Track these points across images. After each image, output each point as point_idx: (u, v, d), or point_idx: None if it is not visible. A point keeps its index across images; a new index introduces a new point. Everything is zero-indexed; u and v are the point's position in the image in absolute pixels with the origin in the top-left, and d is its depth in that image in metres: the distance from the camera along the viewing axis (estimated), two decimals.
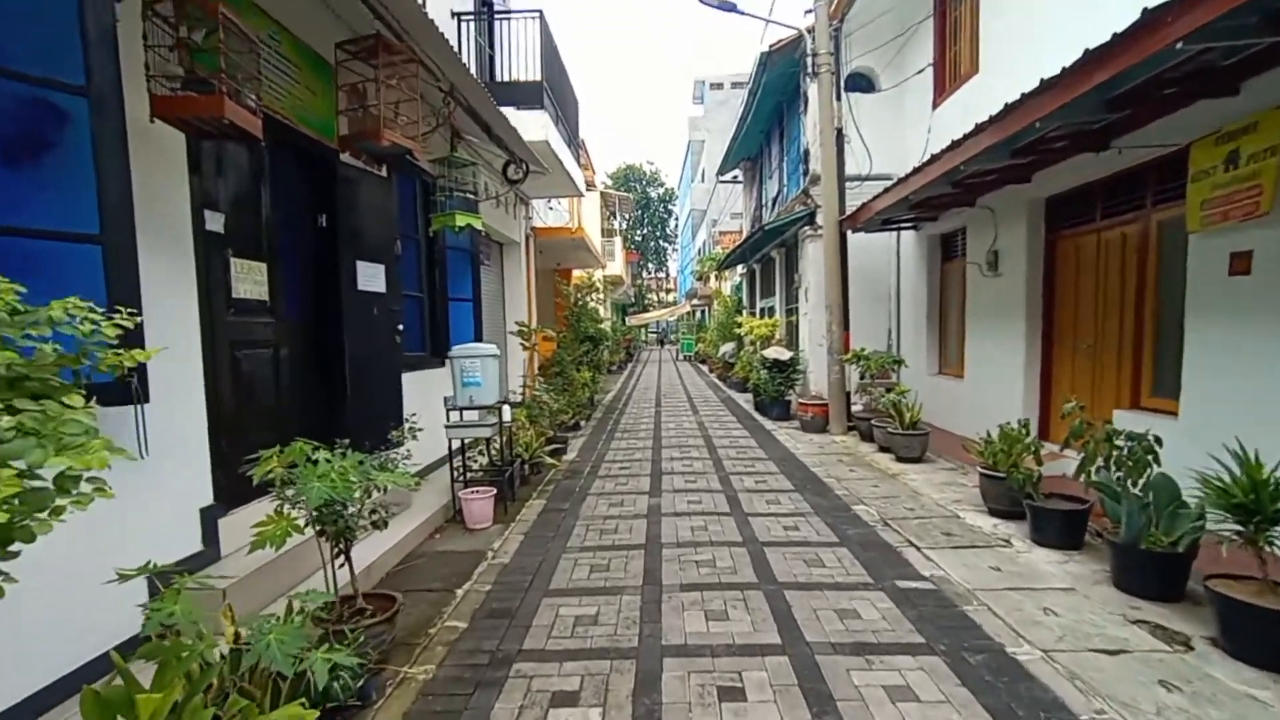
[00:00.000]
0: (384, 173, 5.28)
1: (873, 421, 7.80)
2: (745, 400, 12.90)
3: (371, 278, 4.98)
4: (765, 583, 3.70)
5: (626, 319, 34.59)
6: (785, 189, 12.81)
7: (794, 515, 5.05)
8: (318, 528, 2.78)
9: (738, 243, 14.39)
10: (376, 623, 2.84)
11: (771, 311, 13.35)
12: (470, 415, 5.42)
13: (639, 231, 54.06)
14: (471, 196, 5.48)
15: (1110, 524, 3.69)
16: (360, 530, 2.99)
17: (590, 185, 23.87)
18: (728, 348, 16.92)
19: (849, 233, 9.05)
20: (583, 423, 10.15)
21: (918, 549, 4.24)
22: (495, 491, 5.10)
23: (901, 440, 6.94)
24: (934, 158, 5.58)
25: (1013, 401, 6.29)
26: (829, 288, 8.86)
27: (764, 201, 15.07)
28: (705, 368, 23.13)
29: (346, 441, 3.08)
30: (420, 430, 3.96)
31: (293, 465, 2.73)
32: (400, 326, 5.34)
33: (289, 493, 2.52)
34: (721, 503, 5.44)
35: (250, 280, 3.71)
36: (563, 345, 10.70)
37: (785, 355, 10.25)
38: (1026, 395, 6.24)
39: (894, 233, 9.97)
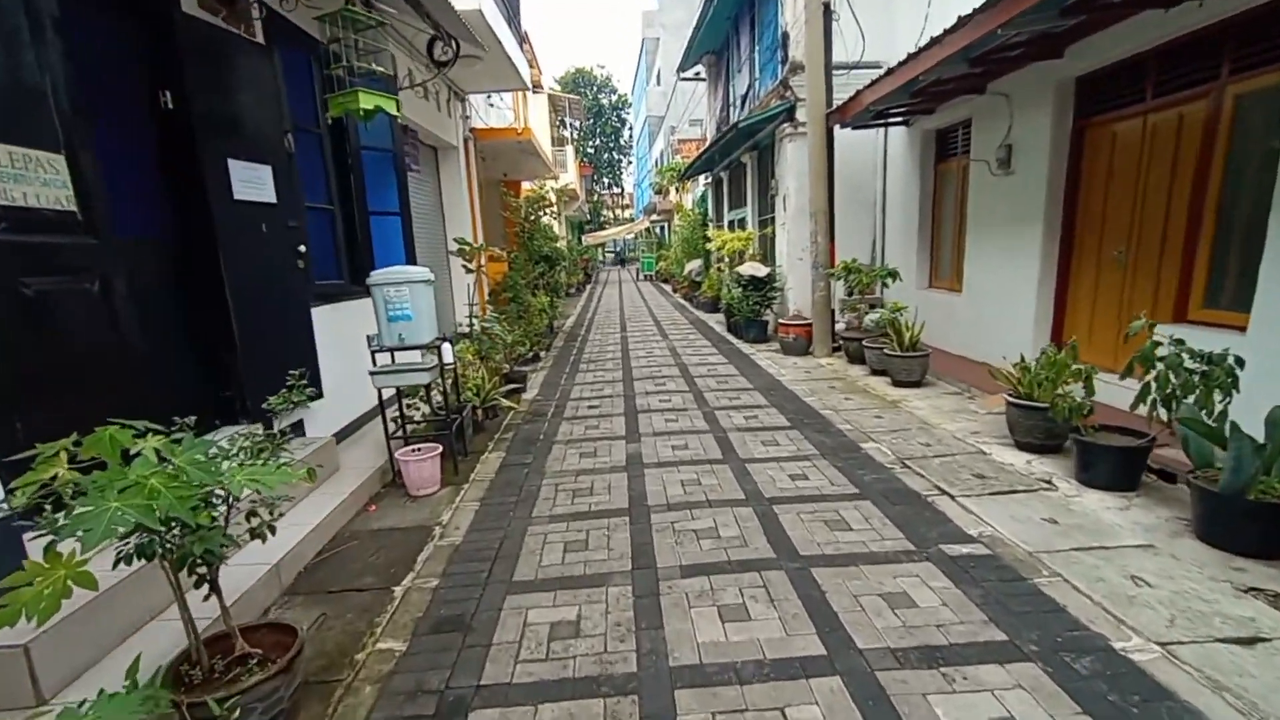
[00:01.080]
0: (259, 38, 3.92)
1: (864, 342, 7.10)
2: (717, 322, 12.10)
3: (253, 183, 3.75)
4: (785, 558, 2.97)
5: (583, 238, 32.88)
6: (757, 84, 11.46)
7: (798, 459, 4.33)
8: (146, 558, 1.83)
9: (703, 148, 13.08)
10: (266, 679, 1.96)
11: (743, 224, 12.33)
12: (405, 357, 4.40)
13: (590, 143, 50.93)
14: (380, 71, 4.18)
15: (1193, 465, 3.07)
16: (230, 549, 2.05)
17: (537, 87, 21.63)
18: (694, 265, 15.93)
19: (835, 129, 7.99)
20: (542, 354, 9.19)
21: (951, 498, 3.59)
22: (441, 448, 4.19)
23: (900, 363, 6.27)
24: (961, 20, 4.53)
25: (1021, 318, 5.63)
26: (813, 193, 7.88)
27: (731, 100, 13.64)
28: (668, 287, 22.16)
29: (190, 420, 2.07)
30: (308, 391, 2.96)
31: (95, 466, 1.73)
32: (302, 248, 4.17)
33: (62, 524, 1.53)
34: (712, 447, 4.68)
35: (33, 180, 2.49)
36: (515, 267, 9.52)
37: (762, 271, 9.37)
38: (1039, 311, 5.56)
39: (879, 131, 8.97)
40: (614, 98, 52.36)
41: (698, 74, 16.16)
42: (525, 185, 14.20)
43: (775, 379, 6.93)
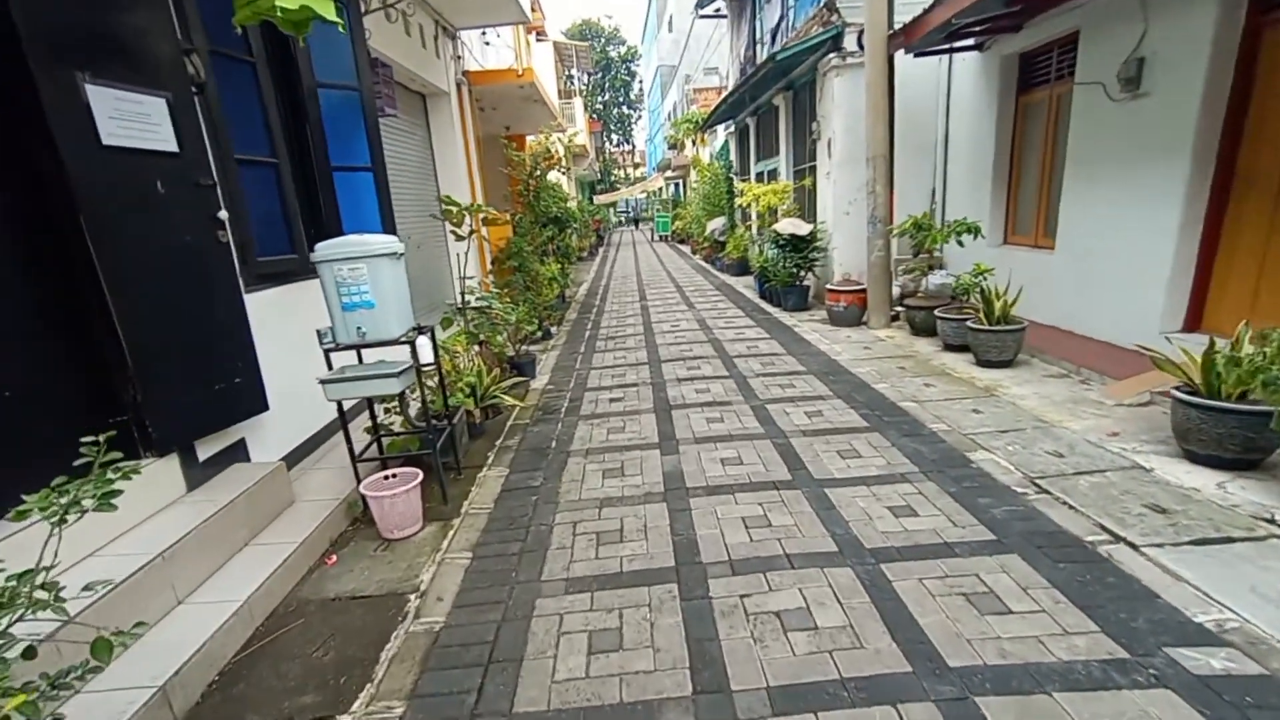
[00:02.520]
0: None
1: (937, 312, 5.93)
2: (745, 286, 10.91)
3: (134, 122, 2.66)
4: (927, 673, 1.94)
5: (594, 198, 31.37)
6: (792, 12, 9.97)
7: (893, 480, 3.27)
8: None
9: (725, 93, 11.65)
10: None
11: (774, 176, 11.01)
12: (373, 355, 3.38)
13: (599, 98, 48.67)
14: None
15: None
16: None
17: (541, 34, 20.03)
18: (716, 224, 14.63)
19: (896, 59, 6.65)
20: (554, 329, 8.13)
21: (1134, 548, 2.51)
22: (420, 476, 3.18)
23: (988, 339, 5.12)
24: None
25: (1148, 281, 4.47)
26: (870, 134, 6.60)
27: (759, 37, 12.12)
28: (686, 248, 20.83)
29: None
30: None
31: None
32: (222, 214, 3.09)
33: None
34: (773, 460, 3.62)
35: None
36: (520, 231, 8.39)
37: (803, 229, 8.14)
38: (1175, 271, 4.37)
39: (941, 62, 7.58)
40: (623, 49, 49.80)
41: (718, 10, 14.53)
42: (530, 140, 12.89)
43: (831, 358, 5.82)
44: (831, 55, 7.65)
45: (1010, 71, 6.40)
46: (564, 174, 11.24)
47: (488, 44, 8.61)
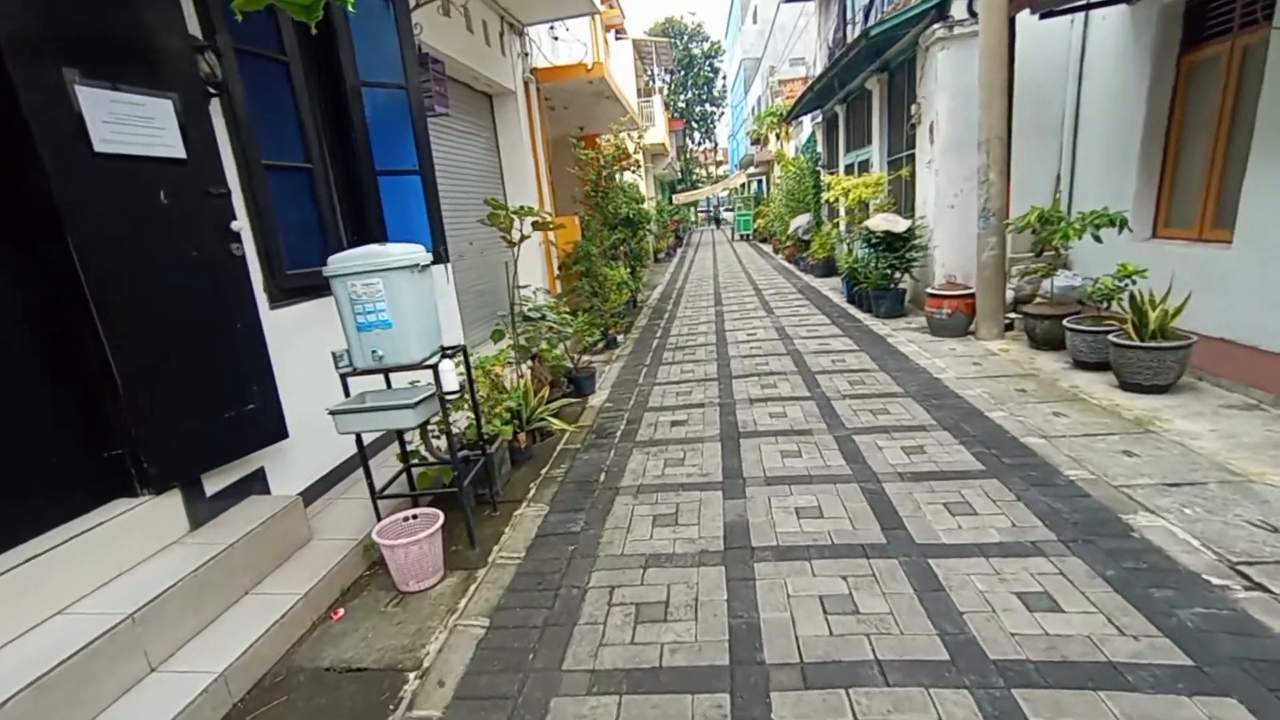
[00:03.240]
0: None
1: (1065, 321, 4.94)
2: (832, 289, 10.01)
3: (135, 126, 2.42)
4: None
5: (673, 198, 30.86)
6: None
7: (1019, 550, 2.52)
8: None
9: (812, 80, 10.76)
10: None
11: (866, 168, 10.04)
12: (400, 380, 3.03)
13: (682, 96, 48.07)
14: None
15: None
16: None
17: (621, 33, 19.77)
18: (800, 221, 13.70)
19: (1018, 22, 5.67)
20: (620, 337, 7.68)
21: None
22: (442, 519, 2.78)
23: (1140, 358, 4.12)
24: None
25: None
26: (986, 114, 5.64)
27: (849, 17, 11.14)
28: (768, 248, 19.89)
29: None
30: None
31: None
32: (235, 224, 2.83)
33: None
34: (862, 513, 2.95)
35: None
36: (588, 234, 8.01)
37: (900, 225, 7.22)
38: None
39: (1073, 23, 6.46)
40: (706, 46, 48.91)
41: None
42: (603, 140, 12.54)
43: (933, 377, 4.97)
44: (936, 26, 6.70)
45: (1173, 23, 5.27)
46: (637, 173, 10.80)
47: (556, 39, 8.31)
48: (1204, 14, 5.04)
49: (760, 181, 32.26)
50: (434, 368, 2.77)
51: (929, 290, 6.42)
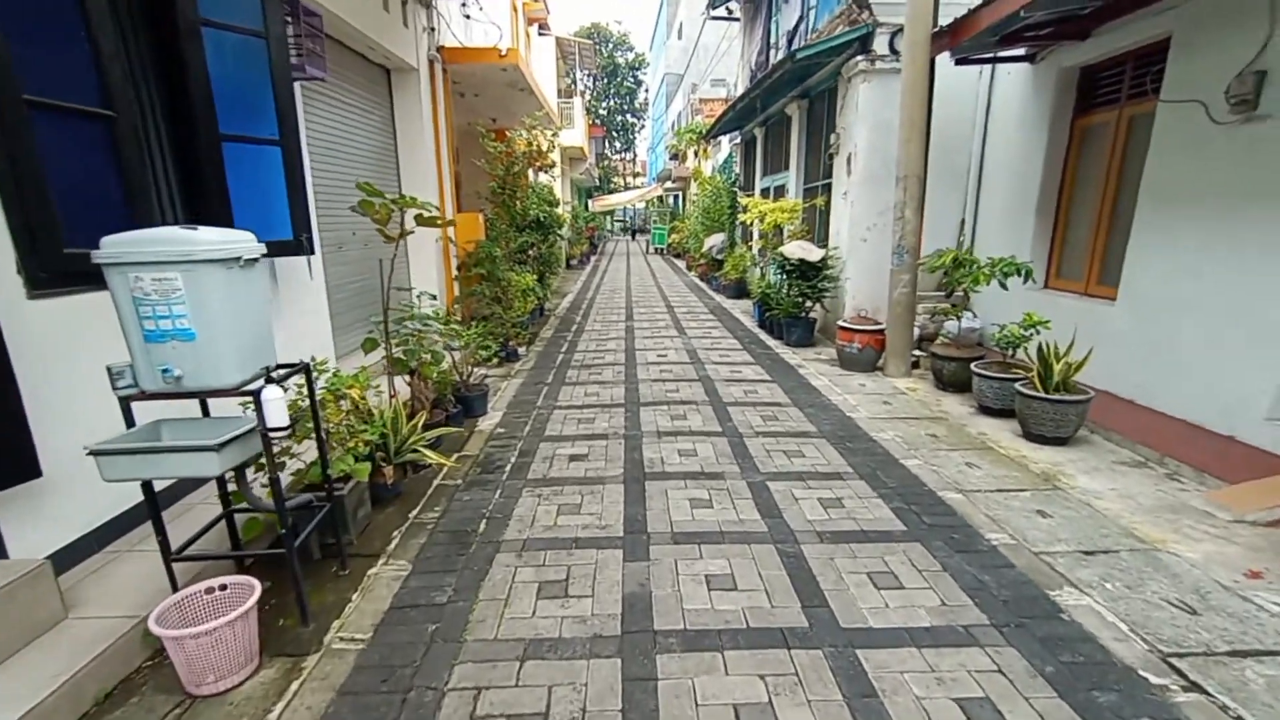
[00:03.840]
0: None
1: (974, 366, 4.94)
2: (743, 312, 9.91)
3: None
4: None
5: (589, 204, 30.40)
6: (814, 12, 9.05)
7: (953, 637, 2.23)
8: None
9: (734, 100, 10.70)
10: None
11: (781, 193, 10.06)
12: (231, 406, 2.32)
13: (604, 104, 47.88)
14: None
15: None
16: None
17: (545, 29, 19.08)
18: (715, 241, 13.66)
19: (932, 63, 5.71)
20: (522, 349, 7.06)
21: None
22: (257, 593, 2.10)
23: (1044, 410, 4.11)
24: None
25: (1264, 349, 3.48)
26: (904, 150, 5.63)
27: (773, 41, 11.21)
28: (681, 263, 19.87)
29: None
30: None
31: None
32: None
33: None
34: (780, 583, 2.56)
35: None
36: (493, 234, 7.33)
37: (814, 254, 7.15)
38: None
39: (980, 74, 6.70)
40: (630, 56, 49.07)
41: (730, 12, 13.64)
42: (519, 135, 11.83)
43: (845, 415, 4.79)
44: (859, 58, 6.70)
45: (1068, 88, 5.48)
46: (552, 174, 10.22)
47: (468, 17, 7.60)
48: (1095, 82, 5.28)
49: (676, 197, 32.55)
50: (255, 395, 2.09)
51: (840, 323, 6.34)
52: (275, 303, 3.92)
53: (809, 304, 7.48)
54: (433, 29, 6.83)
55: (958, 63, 5.98)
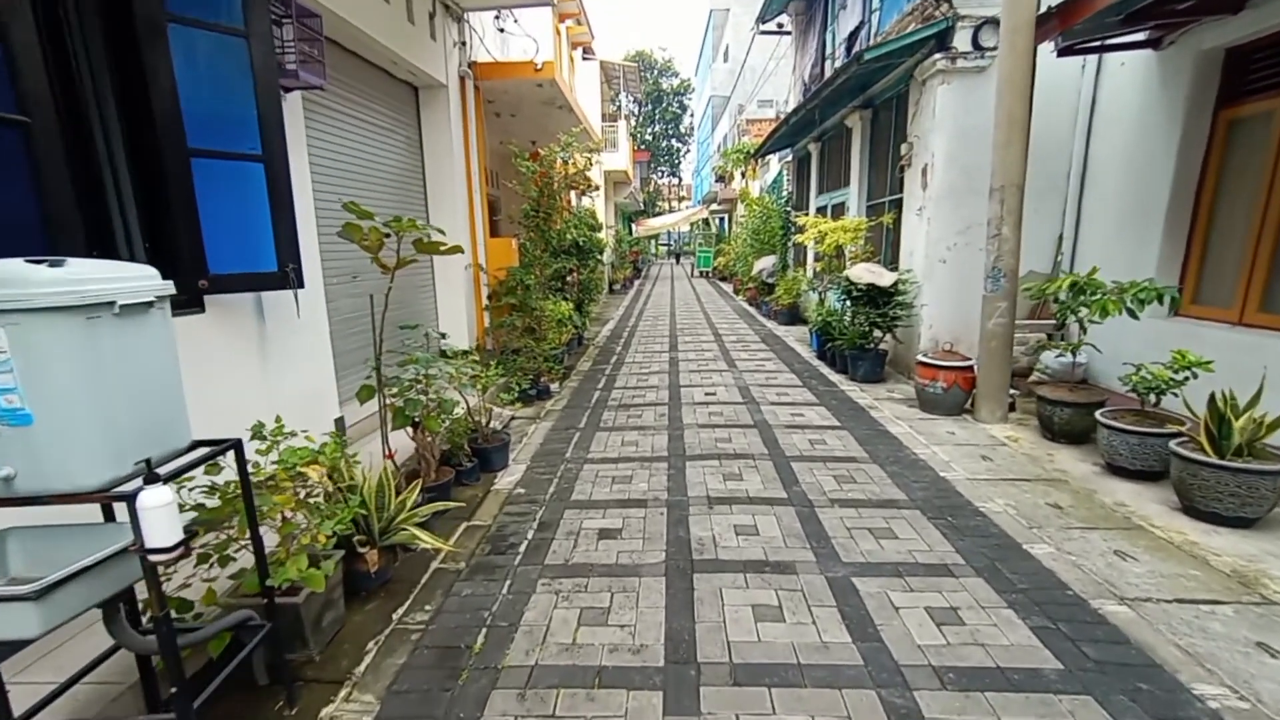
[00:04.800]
0: None
1: (1103, 416, 3.95)
2: (798, 340, 9.03)
3: None
4: None
5: (633, 227, 30.05)
6: (876, 15, 8.28)
7: None
8: None
9: (789, 112, 9.96)
10: None
11: (840, 211, 9.21)
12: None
13: (649, 129, 47.97)
14: None
15: None
16: None
17: (589, 53, 18.93)
18: (765, 263, 12.85)
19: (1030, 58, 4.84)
20: (555, 385, 6.40)
21: None
22: None
23: (1225, 483, 3.11)
24: None
25: None
26: (1006, 154, 4.74)
27: (829, 52, 10.48)
28: (728, 287, 19.08)
29: None
30: None
31: None
32: None
33: None
34: None
35: None
36: (525, 260, 6.76)
37: (885, 278, 6.27)
38: None
39: (1085, 66, 5.81)
40: (675, 82, 49.15)
41: (780, 26, 13.00)
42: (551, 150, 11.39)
43: (938, 475, 3.89)
44: (936, 57, 5.87)
45: (1208, 74, 4.54)
46: (595, 197, 9.70)
47: (502, 30, 7.17)
48: (1248, 65, 4.32)
49: (723, 219, 31.89)
50: (128, 501, 1.43)
51: (920, 358, 5.42)
52: (259, 349, 3.38)
53: (878, 334, 6.58)
54: (464, 43, 6.39)
55: (1060, 53, 5.10)
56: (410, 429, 3.46)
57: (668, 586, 2.69)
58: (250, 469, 2.03)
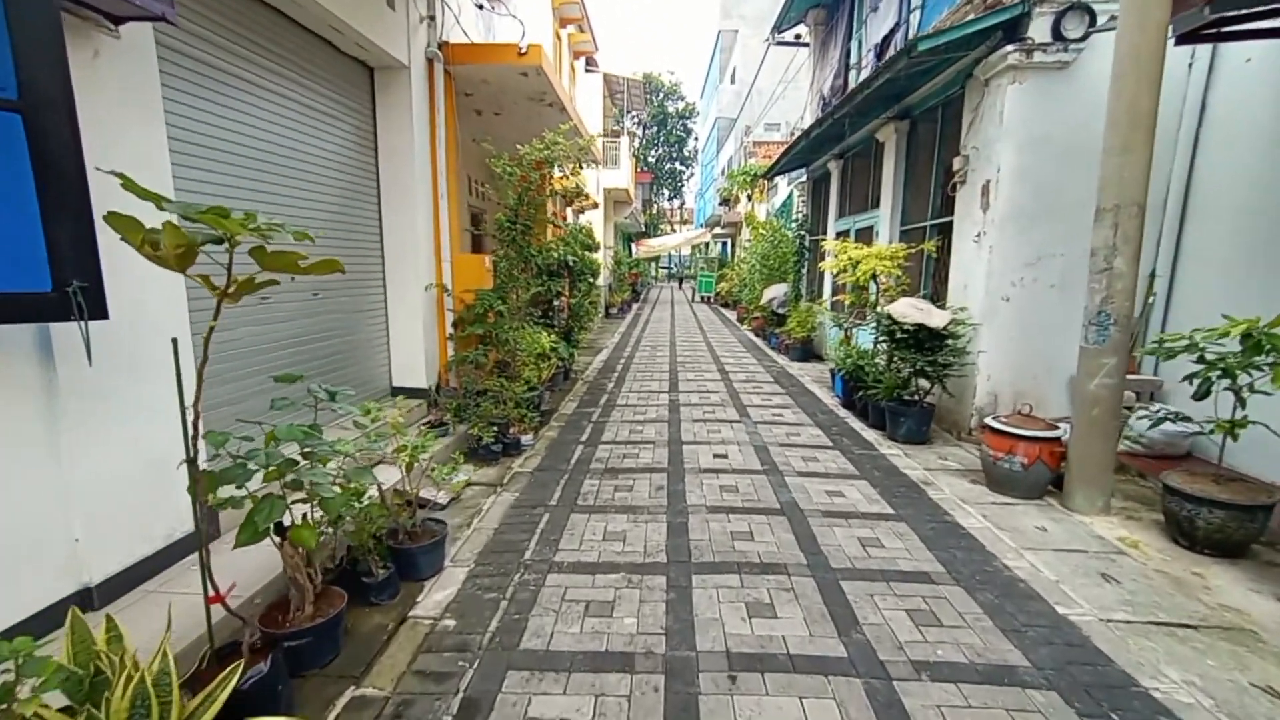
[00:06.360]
0: None
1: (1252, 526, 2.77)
2: (815, 381, 7.86)
3: None
4: None
5: (632, 247, 29.04)
6: (916, 14, 7.28)
7: None
8: None
9: (812, 123, 8.90)
10: None
11: (867, 235, 8.11)
12: None
13: (653, 152, 47.38)
14: None
15: None
16: None
17: (592, 64, 18.07)
18: (776, 292, 11.72)
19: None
20: (527, 438, 5.17)
21: None
22: None
23: None
24: None
25: None
26: (1123, 163, 3.61)
27: (853, 61, 9.48)
28: (731, 315, 17.97)
29: None
30: None
31: None
32: None
33: None
34: None
35: None
36: (500, 281, 5.60)
37: (936, 319, 5.11)
38: None
39: (1192, 65, 4.76)
40: (681, 105, 48.72)
41: (798, 37, 12.07)
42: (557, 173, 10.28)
43: (1053, 610, 2.68)
44: (1007, 49, 4.80)
45: None
46: (581, 205, 8.59)
47: (480, 6, 6.09)
48: None
49: (725, 243, 30.96)
50: None
51: (991, 422, 4.23)
52: (44, 414, 2.19)
53: (924, 384, 5.40)
54: (433, 18, 5.30)
55: (1179, 40, 4.01)
56: (276, 537, 2.25)
57: None
58: None
